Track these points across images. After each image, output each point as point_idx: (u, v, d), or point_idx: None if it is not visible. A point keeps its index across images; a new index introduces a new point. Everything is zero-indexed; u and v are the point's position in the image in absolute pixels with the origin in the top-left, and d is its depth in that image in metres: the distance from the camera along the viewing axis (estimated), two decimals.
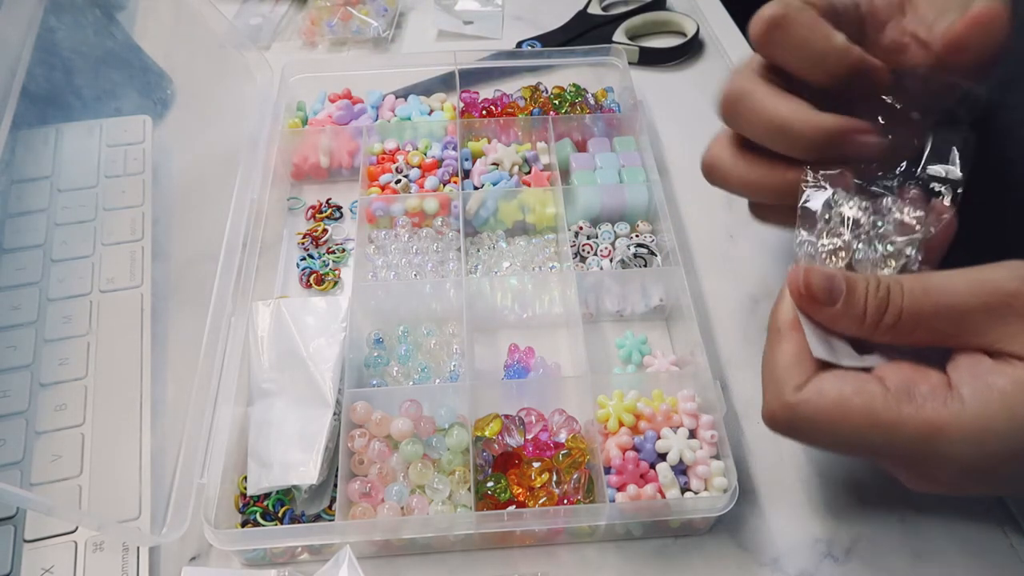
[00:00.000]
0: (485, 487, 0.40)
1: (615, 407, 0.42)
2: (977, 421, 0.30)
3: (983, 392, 0.30)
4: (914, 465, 0.33)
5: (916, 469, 0.33)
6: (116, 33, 0.61)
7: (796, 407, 0.33)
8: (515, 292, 0.49)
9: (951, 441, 0.30)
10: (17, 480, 0.42)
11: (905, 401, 0.31)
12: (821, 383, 0.32)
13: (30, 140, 0.57)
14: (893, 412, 0.31)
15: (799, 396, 0.32)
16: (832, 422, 0.32)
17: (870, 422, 0.31)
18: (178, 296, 0.51)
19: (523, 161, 0.56)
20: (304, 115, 0.60)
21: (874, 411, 0.31)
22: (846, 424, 0.32)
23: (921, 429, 0.31)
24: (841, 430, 0.32)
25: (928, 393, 0.31)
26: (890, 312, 0.32)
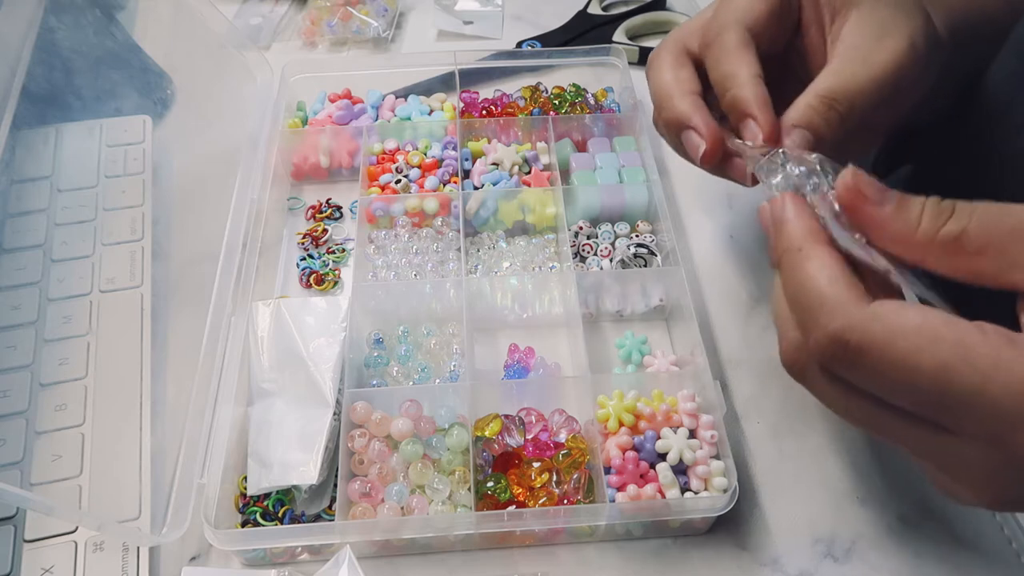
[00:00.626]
0: (485, 487, 0.40)
1: (615, 407, 0.42)
2: None
3: None
4: (1005, 431, 0.24)
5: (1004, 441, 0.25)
6: (116, 33, 0.61)
7: (870, 321, 0.25)
8: (515, 292, 0.49)
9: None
10: (17, 480, 0.42)
11: (1006, 343, 0.24)
12: (900, 305, 0.26)
13: (30, 140, 0.57)
14: (993, 350, 0.24)
15: (873, 310, 0.25)
16: (916, 347, 0.24)
17: (964, 356, 0.24)
18: (178, 296, 0.51)
19: (523, 161, 0.56)
20: (304, 115, 0.60)
21: (969, 344, 0.24)
22: (932, 353, 0.24)
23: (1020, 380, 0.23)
24: (924, 360, 0.24)
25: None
26: (954, 220, 0.26)
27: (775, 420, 0.46)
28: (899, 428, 0.27)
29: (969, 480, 0.27)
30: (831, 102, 0.35)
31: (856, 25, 0.37)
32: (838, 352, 0.26)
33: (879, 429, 0.28)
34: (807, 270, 0.28)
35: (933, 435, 0.26)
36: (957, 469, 0.27)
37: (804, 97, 0.36)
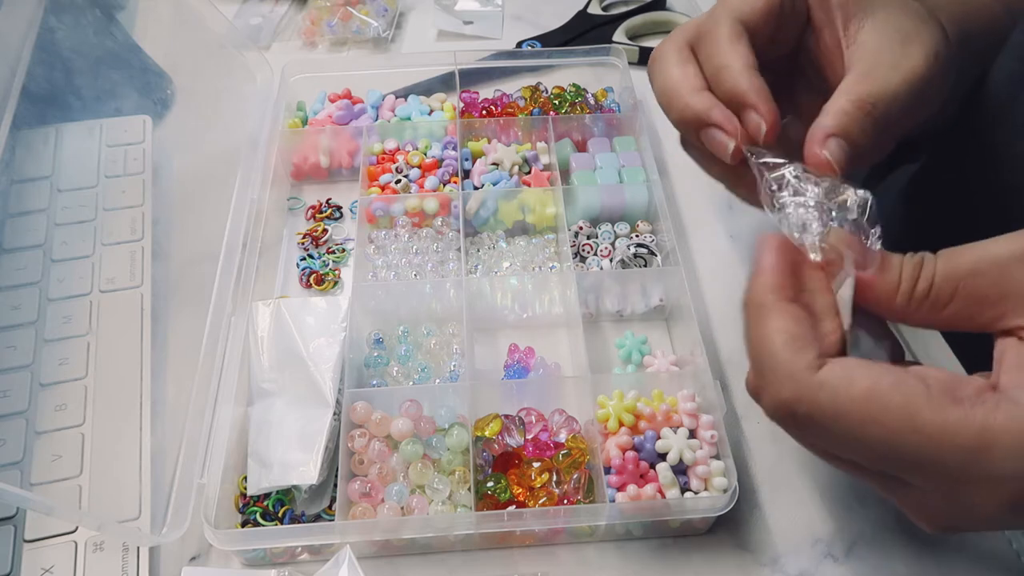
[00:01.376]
0: (485, 487, 0.40)
1: (615, 407, 0.42)
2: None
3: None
4: (953, 486, 0.26)
5: (953, 493, 0.26)
6: (116, 33, 0.61)
7: (818, 393, 0.26)
8: (515, 292, 0.49)
9: (1006, 453, 0.24)
10: (17, 480, 0.42)
11: (950, 404, 0.25)
12: (847, 369, 0.27)
13: (30, 140, 0.57)
14: (938, 415, 0.25)
15: (820, 379, 0.26)
16: (862, 418, 0.26)
17: (911, 423, 0.25)
18: (178, 296, 0.51)
19: (523, 161, 0.56)
20: (304, 115, 0.60)
21: (916, 410, 0.25)
22: (881, 423, 0.25)
23: (970, 438, 0.25)
24: (872, 430, 0.26)
25: (975, 395, 0.26)
26: (923, 276, 0.28)
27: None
28: (858, 473, 0.29)
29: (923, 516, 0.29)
30: (869, 107, 0.33)
31: (878, 31, 0.35)
32: (787, 419, 0.28)
33: (843, 469, 0.30)
34: (764, 328, 0.29)
35: (889, 483, 0.28)
36: (912, 507, 0.29)
37: (836, 102, 0.34)
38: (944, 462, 0.25)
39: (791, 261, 0.31)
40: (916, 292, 0.28)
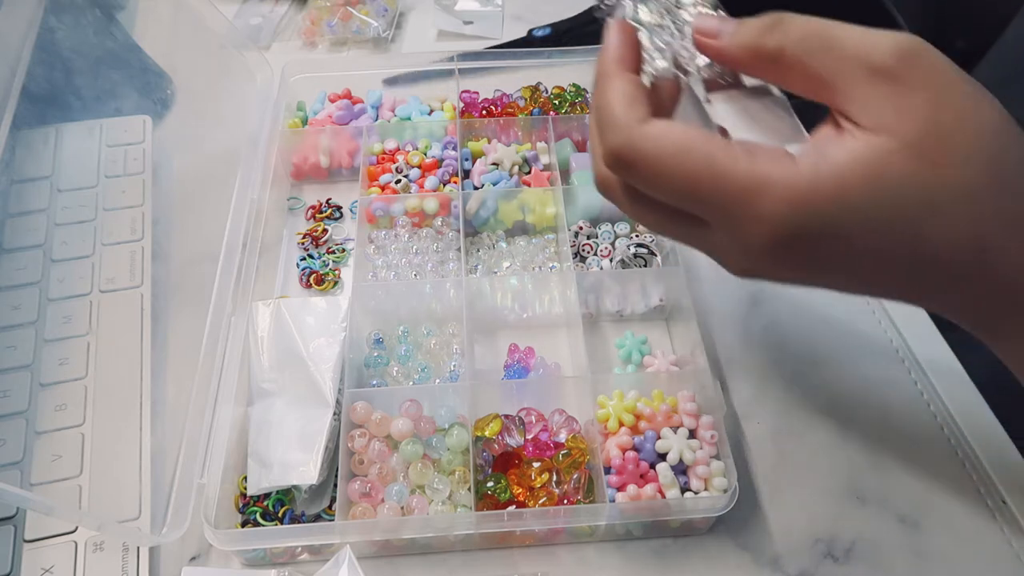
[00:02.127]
0: (485, 487, 0.40)
1: (615, 407, 0.42)
2: (804, 183, 0.29)
3: (817, 159, 0.29)
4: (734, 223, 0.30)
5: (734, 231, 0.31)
6: (116, 33, 0.61)
7: (639, 140, 0.31)
8: (515, 292, 0.49)
9: (773, 198, 0.29)
10: (17, 480, 0.42)
11: (745, 155, 0.30)
12: (669, 124, 0.31)
13: (30, 140, 0.57)
14: (731, 160, 0.30)
15: (645, 129, 0.31)
16: (672, 159, 0.30)
17: (708, 165, 0.30)
18: (178, 296, 0.51)
19: (523, 161, 0.56)
20: (304, 115, 0.60)
21: (714, 155, 0.30)
22: (685, 165, 0.30)
23: (749, 179, 0.29)
24: (678, 171, 0.30)
25: (768, 154, 0.30)
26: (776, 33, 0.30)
27: (775, 420, 0.46)
28: (672, 225, 0.34)
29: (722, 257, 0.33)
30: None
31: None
32: (616, 164, 0.32)
33: (660, 228, 0.35)
34: (606, 92, 0.32)
35: (695, 228, 0.33)
36: (713, 251, 0.34)
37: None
38: (728, 200, 0.30)
39: (632, 39, 0.34)
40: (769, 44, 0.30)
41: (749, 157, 0.30)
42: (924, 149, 0.28)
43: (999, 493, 0.43)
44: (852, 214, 0.28)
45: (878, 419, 0.46)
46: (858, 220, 0.29)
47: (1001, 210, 0.29)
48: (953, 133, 0.28)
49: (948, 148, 0.28)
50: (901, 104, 0.28)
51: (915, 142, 0.28)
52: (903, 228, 0.29)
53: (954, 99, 0.28)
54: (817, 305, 0.51)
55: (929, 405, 0.46)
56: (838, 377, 0.48)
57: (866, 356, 0.49)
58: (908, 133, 0.28)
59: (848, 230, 0.29)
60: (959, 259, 0.29)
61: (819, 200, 0.28)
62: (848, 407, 0.46)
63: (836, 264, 0.31)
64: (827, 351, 0.49)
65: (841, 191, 0.28)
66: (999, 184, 0.29)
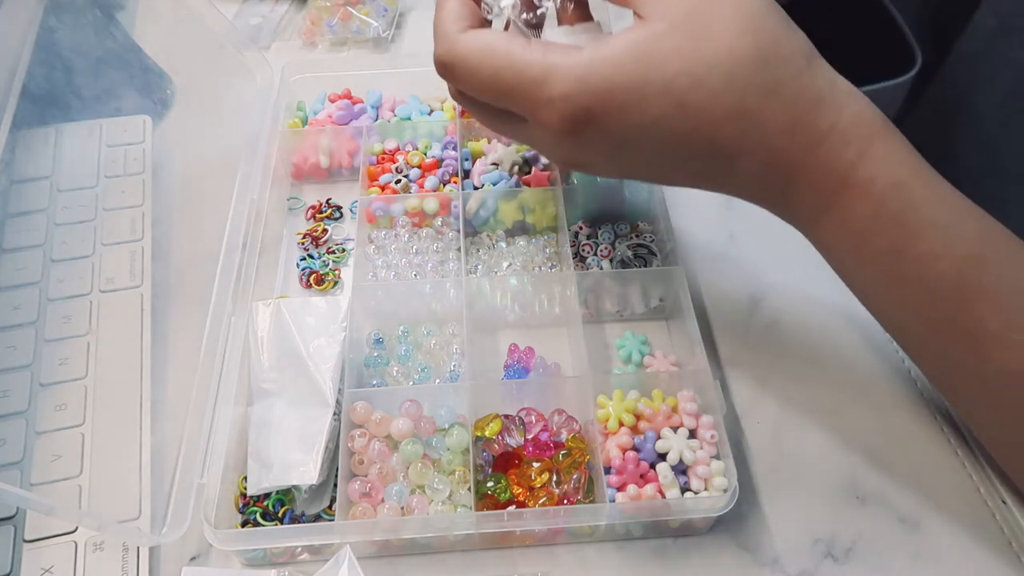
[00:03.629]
0: (485, 487, 0.40)
1: (615, 407, 0.42)
2: (583, 65, 0.32)
3: (599, 47, 0.33)
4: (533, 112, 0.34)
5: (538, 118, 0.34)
6: (116, 33, 0.61)
7: (455, 46, 0.35)
8: (515, 292, 0.49)
9: (558, 80, 0.33)
10: (17, 480, 0.42)
11: (539, 50, 0.34)
12: (482, 32, 0.35)
13: (30, 140, 0.57)
14: (527, 55, 0.33)
15: (460, 37, 0.35)
16: (479, 61, 0.34)
17: (508, 62, 0.34)
18: (178, 296, 0.51)
19: (523, 161, 0.56)
20: (304, 115, 0.60)
21: (512, 53, 0.34)
22: (490, 62, 0.34)
23: (538, 67, 0.33)
24: (485, 70, 0.34)
25: (560, 47, 0.34)
26: None
27: (775, 420, 0.46)
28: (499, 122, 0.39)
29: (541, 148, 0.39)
30: None
31: None
32: (440, 70, 0.37)
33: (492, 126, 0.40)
34: (439, 10, 0.37)
35: (516, 124, 0.37)
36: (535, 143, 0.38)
37: None
38: (526, 91, 0.34)
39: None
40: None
41: (543, 50, 0.33)
42: (686, 27, 0.32)
43: (999, 493, 0.43)
44: (627, 89, 0.32)
45: (878, 419, 0.46)
46: (633, 93, 0.32)
47: (754, 79, 0.32)
48: (714, 14, 0.32)
49: (707, 24, 0.32)
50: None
51: (679, 22, 0.32)
52: (670, 98, 0.32)
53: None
54: (818, 305, 0.51)
55: (929, 405, 0.46)
56: (838, 377, 0.48)
57: (866, 356, 0.49)
58: (674, 16, 0.32)
59: (625, 102, 0.32)
60: (724, 130, 0.33)
61: (596, 79, 0.32)
62: (848, 407, 0.46)
63: (624, 139, 0.34)
64: (827, 351, 0.49)
65: (615, 69, 0.32)
66: (755, 54, 0.32)
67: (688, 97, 0.32)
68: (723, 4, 0.33)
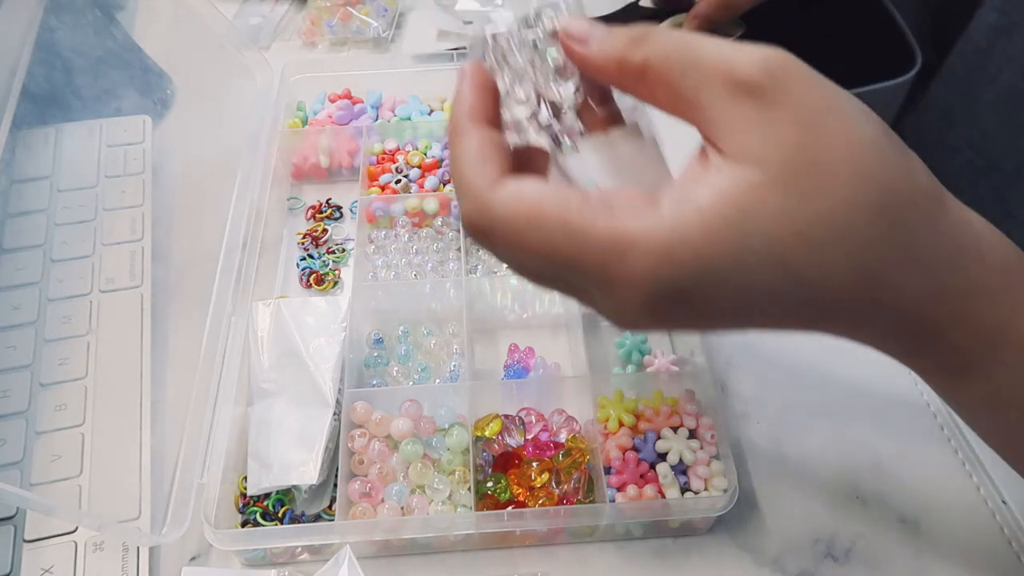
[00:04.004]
0: (485, 487, 0.40)
1: (615, 407, 0.42)
2: (666, 235, 0.26)
3: (680, 204, 0.26)
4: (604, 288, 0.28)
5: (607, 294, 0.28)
6: (116, 33, 0.61)
7: (491, 208, 0.28)
8: (515, 292, 0.49)
9: (637, 257, 0.26)
10: (17, 480, 0.42)
11: (601, 212, 0.27)
12: (520, 185, 0.29)
13: (30, 140, 0.57)
14: (587, 220, 0.27)
15: (494, 195, 0.29)
16: (526, 228, 0.28)
17: (564, 231, 0.27)
18: (178, 296, 0.51)
19: None
20: (304, 115, 0.60)
21: (569, 219, 0.27)
22: (539, 232, 0.28)
23: (609, 240, 0.26)
24: (533, 240, 0.28)
25: (627, 205, 0.27)
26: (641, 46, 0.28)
27: (775, 420, 0.46)
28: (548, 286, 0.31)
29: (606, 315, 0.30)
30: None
31: None
32: (471, 232, 0.30)
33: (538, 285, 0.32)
34: (458, 151, 0.30)
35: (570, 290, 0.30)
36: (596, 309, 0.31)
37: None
38: (593, 266, 0.27)
39: (486, 86, 0.32)
40: (627, 63, 0.29)
41: (607, 214, 0.27)
42: (792, 180, 0.26)
43: (999, 493, 0.43)
44: (723, 261, 0.26)
45: (878, 419, 0.46)
46: (730, 266, 0.26)
47: (884, 240, 0.26)
48: (823, 159, 0.26)
49: (818, 177, 0.26)
50: (766, 127, 0.26)
51: (781, 173, 0.26)
52: (776, 266, 0.26)
53: (825, 119, 0.26)
54: None
55: (929, 405, 0.46)
56: (838, 377, 0.48)
57: (866, 356, 0.48)
58: (774, 162, 0.26)
59: (722, 277, 0.26)
60: (847, 296, 0.27)
61: (685, 252, 0.26)
62: (848, 407, 0.46)
63: (719, 310, 0.28)
64: (827, 351, 0.49)
65: (707, 237, 0.26)
66: (879, 205, 0.26)
67: (800, 265, 0.26)
68: (832, 140, 0.26)
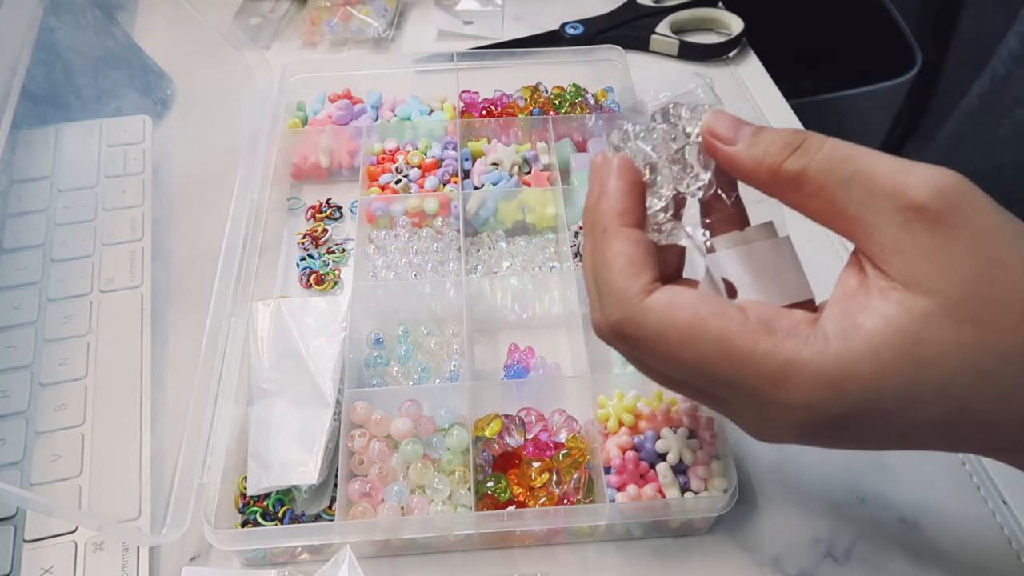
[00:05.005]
0: (485, 487, 0.40)
1: (615, 407, 0.42)
2: (834, 366, 0.25)
3: (847, 334, 0.25)
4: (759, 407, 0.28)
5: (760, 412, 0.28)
6: (116, 33, 0.61)
7: (644, 316, 0.28)
8: (515, 292, 0.49)
9: (801, 385, 0.26)
10: (17, 480, 0.42)
11: (764, 334, 0.26)
12: (674, 295, 0.28)
13: (30, 140, 0.57)
14: (750, 343, 0.26)
15: (648, 304, 0.28)
16: (681, 342, 0.27)
17: (723, 349, 0.26)
18: (178, 296, 0.51)
19: (523, 161, 0.56)
20: (304, 115, 0.60)
21: (729, 338, 0.26)
22: (695, 347, 0.27)
23: (774, 367, 0.26)
24: (687, 354, 0.27)
25: (789, 328, 0.26)
26: (798, 155, 0.27)
27: None
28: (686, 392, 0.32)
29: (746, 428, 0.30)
30: None
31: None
32: (617, 340, 0.30)
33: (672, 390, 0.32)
34: (605, 254, 0.30)
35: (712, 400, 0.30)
36: (734, 420, 0.31)
37: None
38: (750, 387, 0.27)
39: (636, 183, 0.31)
40: (784, 168, 0.28)
41: (769, 337, 0.26)
42: (967, 311, 0.25)
43: (999, 493, 0.43)
44: (891, 392, 0.25)
45: None
46: (898, 398, 0.25)
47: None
48: (999, 291, 0.25)
49: (994, 309, 0.25)
50: (938, 255, 0.25)
51: (956, 304, 0.25)
52: (950, 401, 0.25)
53: (999, 249, 0.25)
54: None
55: None
56: None
57: None
58: (948, 292, 0.25)
59: (888, 408, 0.26)
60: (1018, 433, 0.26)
61: (854, 386, 0.25)
62: None
63: (878, 438, 0.28)
64: None
65: (879, 370, 0.25)
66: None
67: (976, 400, 0.25)
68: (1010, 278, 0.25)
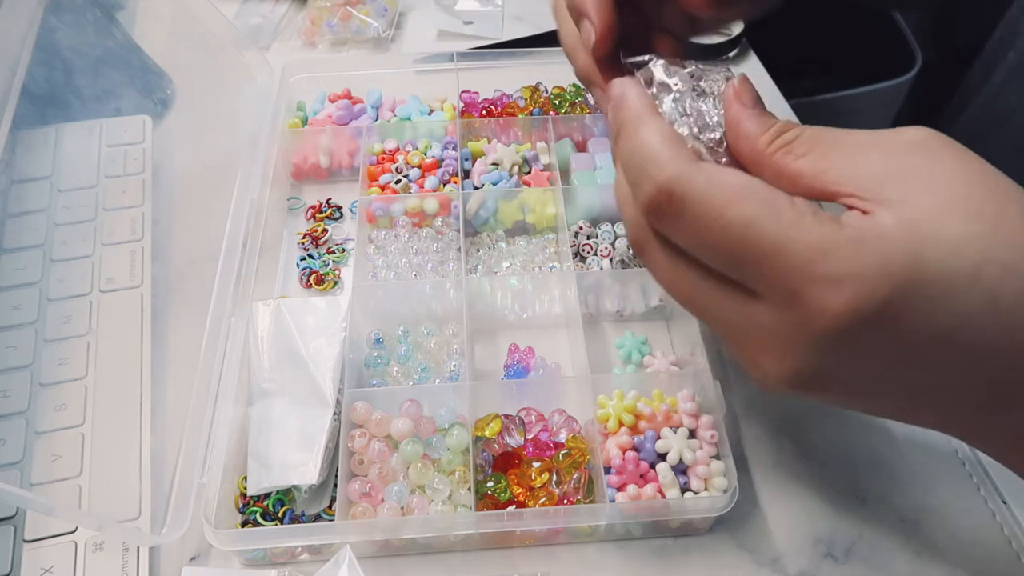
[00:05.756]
0: (485, 487, 0.40)
1: (615, 407, 0.42)
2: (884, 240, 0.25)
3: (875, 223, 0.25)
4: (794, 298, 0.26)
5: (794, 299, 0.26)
6: (116, 33, 0.61)
7: (694, 173, 0.27)
8: (515, 292, 0.49)
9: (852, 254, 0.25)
10: (17, 480, 0.42)
11: (811, 212, 0.26)
12: (724, 167, 0.28)
13: (30, 140, 0.57)
14: (796, 212, 0.25)
15: (695, 167, 0.27)
16: (728, 200, 0.26)
17: (771, 211, 0.26)
18: (178, 296, 0.51)
19: (523, 161, 0.56)
20: (304, 115, 0.60)
21: (779, 204, 0.26)
22: (741, 207, 0.26)
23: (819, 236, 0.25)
24: (732, 213, 0.26)
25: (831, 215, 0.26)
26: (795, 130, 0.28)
27: (775, 420, 0.46)
28: (713, 294, 0.29)
29: (769, 348, 0.27)
30: None
31: None
32: (663, 203, 0.27)
33: (697, 298, 0.30)
34: (643, 134, 0.29)
35: (739, 302, 0.28)
36: (759, 337, 0.28)
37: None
38: (793, 255, 0.25)
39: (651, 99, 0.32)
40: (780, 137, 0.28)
41: (812, 211, 0.26)
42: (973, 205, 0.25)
43: (999, 493, 0.43)
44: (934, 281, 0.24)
45: (878, 419, 0.46)
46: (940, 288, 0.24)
47: None
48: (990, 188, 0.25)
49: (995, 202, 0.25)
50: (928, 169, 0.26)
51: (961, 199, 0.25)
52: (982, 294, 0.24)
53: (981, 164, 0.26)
54: None
55: None
56: None
57: None
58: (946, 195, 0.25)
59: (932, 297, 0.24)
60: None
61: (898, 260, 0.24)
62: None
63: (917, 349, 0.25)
64: None
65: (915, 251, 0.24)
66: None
67: (1002, 290, 0.24)
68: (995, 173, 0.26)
